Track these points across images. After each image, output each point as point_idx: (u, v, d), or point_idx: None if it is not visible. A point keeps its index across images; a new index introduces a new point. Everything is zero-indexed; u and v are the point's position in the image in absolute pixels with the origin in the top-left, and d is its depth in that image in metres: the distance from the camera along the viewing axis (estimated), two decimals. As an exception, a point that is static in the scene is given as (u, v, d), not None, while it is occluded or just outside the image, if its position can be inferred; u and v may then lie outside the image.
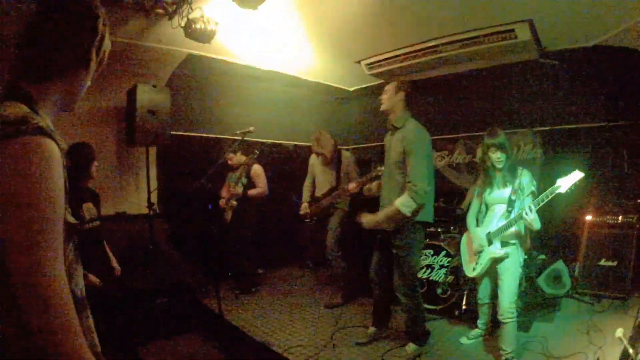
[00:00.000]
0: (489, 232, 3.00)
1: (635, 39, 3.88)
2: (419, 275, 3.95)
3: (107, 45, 1.08)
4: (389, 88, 3.14)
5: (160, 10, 3.72)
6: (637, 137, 4.24)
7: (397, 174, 3.07)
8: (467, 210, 3.38)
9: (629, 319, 2.96)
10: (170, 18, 3.75)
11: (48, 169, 0.82)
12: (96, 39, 1.02)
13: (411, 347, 3.16)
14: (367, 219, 3.14)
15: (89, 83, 1.07)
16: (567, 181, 2.64)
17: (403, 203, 2.91)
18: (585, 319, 3.57)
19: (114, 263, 3.16)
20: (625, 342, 2.71)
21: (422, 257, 3.92)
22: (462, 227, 3.32)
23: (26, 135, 0.81)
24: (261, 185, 4.63)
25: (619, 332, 2.73)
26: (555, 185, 2.67)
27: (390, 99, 3.12)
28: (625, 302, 3.82)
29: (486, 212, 3.14)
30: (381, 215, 3.07)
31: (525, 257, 3.63)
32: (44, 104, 0.96)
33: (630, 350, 2.51)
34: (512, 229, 2.88)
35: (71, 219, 0.96)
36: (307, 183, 4.62)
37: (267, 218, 4.95)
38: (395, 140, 3.09)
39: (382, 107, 3.17)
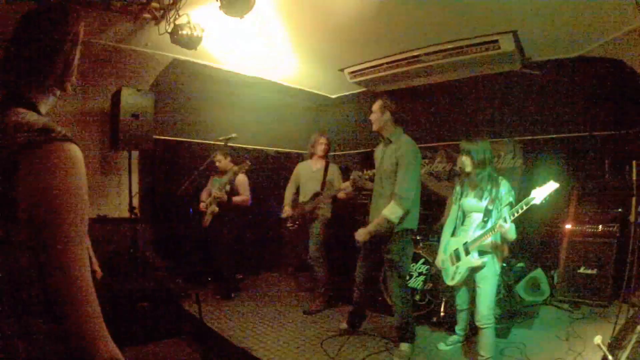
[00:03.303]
0: (466, 242, 3.03)
1: (619, 50, 3.96)
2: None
3: (76, 53, 1.10)
4: (376, 109, 3.35)
5: (148, 15, 3.73)
6: (618, 147, 4.32)
7: (388, 184, 3.26)
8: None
9: (609, 326, 2.99)
10: (157, 23, 3.76)
11: (79, 172, 0.89)
12: (78, 43, 1.05)
13: (405, 346, 3.28)
14: (360, 233, 3.29)
15: (74, 82, 1.10)
16: (542, 192, 2.66)
17: (390, 211, 3.12)
18: (564, 326, 3.61)
19: (96, 266, 3.13)
20: (604, 349, 2.75)
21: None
22: (441, 235, 3.37)
23: (56, 141, 0.87)
24: (245, 194, 4.67)
25: (598, 339, 2.76)
26: (530, 197, 2.69)
27: (379, 119, 3.34)
28: (605, 310, 3.86)
29: (463, 220, 3.18)
30: (372, 226, 3.23)
31: (504, 265, 3.68)
32: (44, 110, 1.02)
33: (610, 357, 2.55)
34: (489, 239, 2.91)
35: None
36: (289, 186, 4.65)
37: (248, 223, 4.96)
38: (389, 152, 3.30)
39: (374, 128, 3.39)
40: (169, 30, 3.55)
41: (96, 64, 3.98)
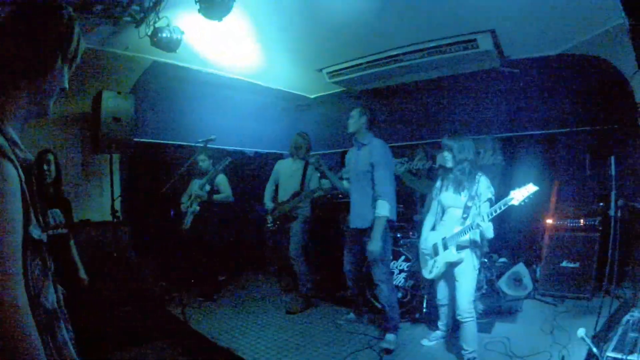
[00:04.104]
0: (445, 237, 3.07)
1: (600, 48, 3.99)
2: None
3: (78, 45, 1.05)
4: (354, 114, 3.62)
5: (128, 18, 3.74)
6: (598, 143, 4.38)
7: (366, 184, 3.53)
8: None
9: (593, 319, 3.03)
10: (138, 26, 3.76)
11: (6, 194, 0.81)
12: (62, 39, 0.99)
13: (390, 337, 3.42)
14: (373, 245, 3.37)
15: (64, 85, 1.04)
16: (521, 193, 2.70)
17: (381, 209, 3.36)
18: (548, 320, 3.65)
19: (82, 274, 3.12)
20: (588, 341, 2.77)
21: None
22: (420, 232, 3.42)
23: None
24: (226, 191, 4.69)
25: (581, 332, 2.79)
26: (509, 197, 2.74)
27: (356, 122, 3.61)
28: (589, 303, 3.91)
29: (442, 215, 3.22)
30: (376, 232, 3.37)
31: (485, 260, 3.72)
32: (9, 112, 0.92)
33: (594, 350, 2.58)
34: (467, 236, 2.95)
35: (36, 235, 0.94)
36: (269, 184, 4.68)
37: (229, 224, 4.96)
38: (363, 154, 3.59)
39: (350, 129, 3.66)
40: (149, 34, 3.55)
41: (77, 67, 3.95)
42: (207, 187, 4.52)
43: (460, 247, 3.01)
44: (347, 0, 3.47)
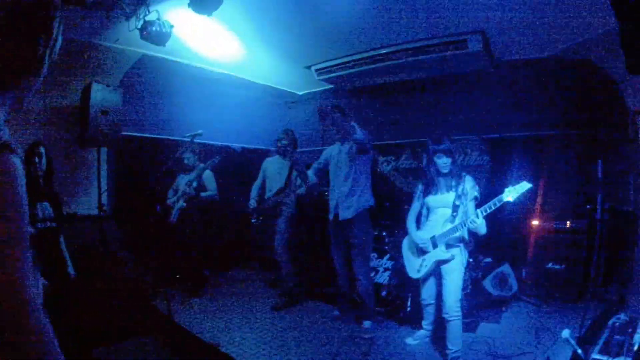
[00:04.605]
0: (434, 236, 3.08)
1: (590, 52, 4.02)
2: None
3: (58, 36, 1.01)
4: (338, 120, 3.70)
5: (119, 11, 3.73)
6: (586, 146, 4.42)
7: (355, 171, 3.73)
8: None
9: (579, 321, 3.05)
10: (128, 19, 3.76)
11: (16, 184, 0.83)
12: (50, 41, 0.97)
13: (368, 323, 3.66)
14: None
15: (40, 79, 1.01)
16: (515, 191, 2.74)
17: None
18: (533, 320, 3.68)
19: (69, 268, 3.10)
20: (573, 343, 2.79)
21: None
22: (406, 231, 3.42)
23: None
24: (213, 189, 4.69)
25: (566, 333, 2.81)
26: (504, 194, 2.77)
27: (342, 125, 3.68)
28: (575, 304, 3.92)
29: (428, 215, 3.23)
30: None
31: (471, 260, 3.74)
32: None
33: (579, 351, 2.60)
34: (458, 233, 2.98)
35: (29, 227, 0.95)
36: (256, 183, 4.69)
37: (215, 220, 4.96)
38: (345, 148, 3.80)
39: (342, 136, 3.84)
40: (139, 27, 3.55)
41: (68, 59, 3.95)
42: (195, 184, 4.51)
43: (449, 246, 3.03)
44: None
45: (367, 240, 3.74)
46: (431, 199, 3.17)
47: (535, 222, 4.34)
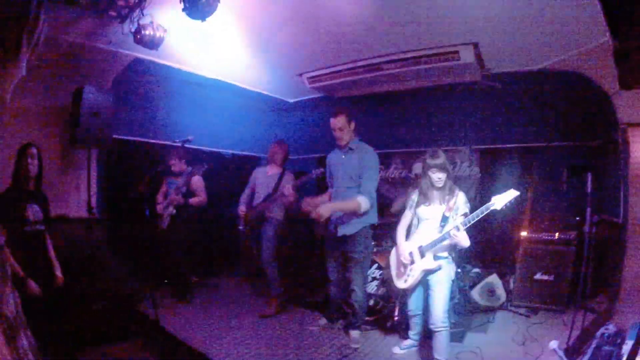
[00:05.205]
0: (422, 246, 3.09)
1: (582, 65, 4.04)
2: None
3: (42, 32, 0.99)
4: (342, 124, 3.54)
5: (113, 13, 3.72)
6: (576, 158, 4.45)
7: (353, 186, 3.55)
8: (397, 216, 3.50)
9: (567, 331, 3.06)
10: (122, 22, 3.75)
11: None
12: (27, 25, 0.93)
13: (357, 333, 3.64)
14: (323, 207, 3.41)
15: (23, 73, 0.98)
16: (502, 199, 2.77)
17: (364, 203, 3.43)
18: (521, 331, 3.68)
19: (57, 271, 3.06)
20: (561, 353, 2.81)
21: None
22: (394, 241, 3.42)
23: None
24: (201, 195, 4.68)
25: (553, 344, 2.83)
26: (490, 202, 2.79)
27: (348, 132, 3.59)
28: (563, 315, 3.94)
29: (418, 225, 3.24)
30: (340, 204, 3.53)
31: (459, 270, 3.75)
32: None
33: None
34: (444, 244, 2.98)
35: None
36: (245, 192, 4.66)
37: (204, 226, 4.95)
38: (351, 159, 3.61)
39: (342, 142, 3.62)
40: (133, 30, 3.55)
41: (60, 59, 3.93)
42: (184, 189, 4.50)
43: (437, 256, 3.03)
44: (330, 7, 3.47)
45: (368, 254, 3.71)
46: (422, 210, 3.18)
47: (524, 233, 4.36)
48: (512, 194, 2.76)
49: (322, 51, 4.44)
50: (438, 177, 3.08)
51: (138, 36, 3.50)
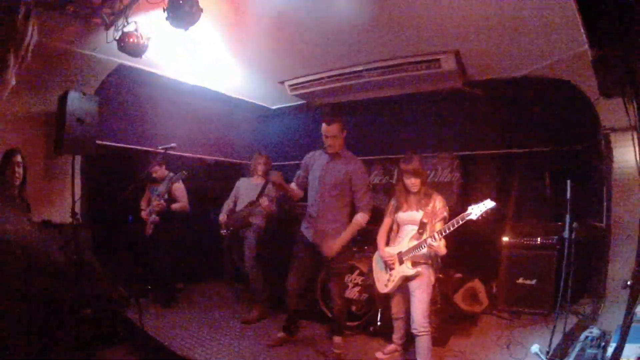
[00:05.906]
0: (400, 252, 3.12)
1: (565, 71, 4.08)
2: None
3: (31, 40, 0.93)
4: (336, 132, 3.46)
5: (98, 20, 3.74)
6: (558, 163, 4.49)
7: (340, 196, 3.47)
8: None
9: (549, 334, 3.10)
10: (107, 29, 3.76)
11: None
12: (15, 37, 0.88)
13: (339, 339, 3.57)
14: (332, 247, 3.38)
15: (13, 82, 0.93)
16: (478, 209, 2.80)
17: (363, 220, 3.42)
18: (504, 334, 3.71)
19: None
20: (543, 357, 2.84)
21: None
22: (375, 246, 3.44)
23: None
24: (183, 200, 4.70)
25: (535, 348, 2.86)
26: (467, 212, 2.82)
27: (339, 140, 3.50)
28: (546, 318, 3.95)
29: (398, 231, 3.27)
30: (344, 237, 3.41)
31: (440, 275, 3.77)
32: None
33: None
34: (423, 251, 3.01)
35: None
36: (228, 200, 4.68)
37: (187, 232, 4.94)
38: (338, 165, 3.51)
39: (334, 150, 3.51)
40: (117, 38, 3.56)
41: (45, 65, 3.93)
42: (166, 196, 4.52)
43: (415, 263, 3.06)
44: (311, 15, 3.50)
45: (346, 265, 3.70)
46: (401, 216, 3.22)
47: (506, 238, 4.39)
48: (488, 204, 2.79)
49: (304, 59, 4.47)
50: (412, 182, 3.11)
51: (122, 44, 3.51)
